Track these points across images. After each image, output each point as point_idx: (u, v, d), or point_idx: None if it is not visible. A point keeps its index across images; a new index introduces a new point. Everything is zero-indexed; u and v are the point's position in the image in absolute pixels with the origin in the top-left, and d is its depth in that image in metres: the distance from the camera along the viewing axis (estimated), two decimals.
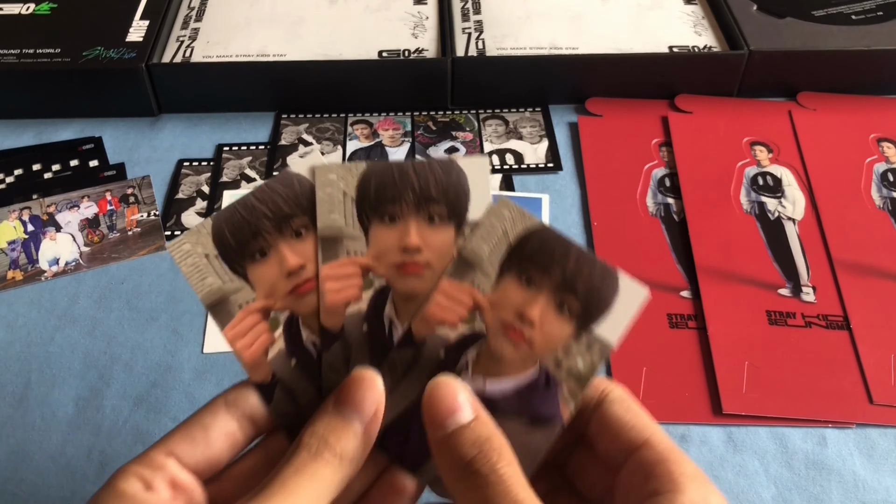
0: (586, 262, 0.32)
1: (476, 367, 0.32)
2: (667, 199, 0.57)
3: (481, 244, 0.33)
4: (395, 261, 0.33)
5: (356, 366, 0.31)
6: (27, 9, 0.67)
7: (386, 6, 0.69)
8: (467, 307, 0.32)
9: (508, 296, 0.32)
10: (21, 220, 0.57)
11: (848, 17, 0.66)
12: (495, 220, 0.33)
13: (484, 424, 0.29)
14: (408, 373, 0.32)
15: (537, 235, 0.33)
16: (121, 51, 0.62)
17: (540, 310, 0.32)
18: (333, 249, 0.33)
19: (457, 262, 0.33)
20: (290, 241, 0.33)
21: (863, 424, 0.45)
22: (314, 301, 0.33)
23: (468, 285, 0.32)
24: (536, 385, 0.32)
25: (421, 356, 0.32)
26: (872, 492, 0.42)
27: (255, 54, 0.64)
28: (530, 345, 0.32)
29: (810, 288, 0.51)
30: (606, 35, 0.65)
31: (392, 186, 0.33)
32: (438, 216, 0.33)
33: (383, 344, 0.33)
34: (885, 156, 0.59)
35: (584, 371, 0.32)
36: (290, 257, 0.33)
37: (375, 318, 0.33)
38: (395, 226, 0.33)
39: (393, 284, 0.33)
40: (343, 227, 0.33)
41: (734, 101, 0.64)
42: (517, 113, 0.64)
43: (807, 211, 0.56)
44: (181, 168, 0.60)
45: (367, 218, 0.33)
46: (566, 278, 0.32)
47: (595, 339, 0.32)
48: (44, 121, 0.64)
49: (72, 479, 0.43)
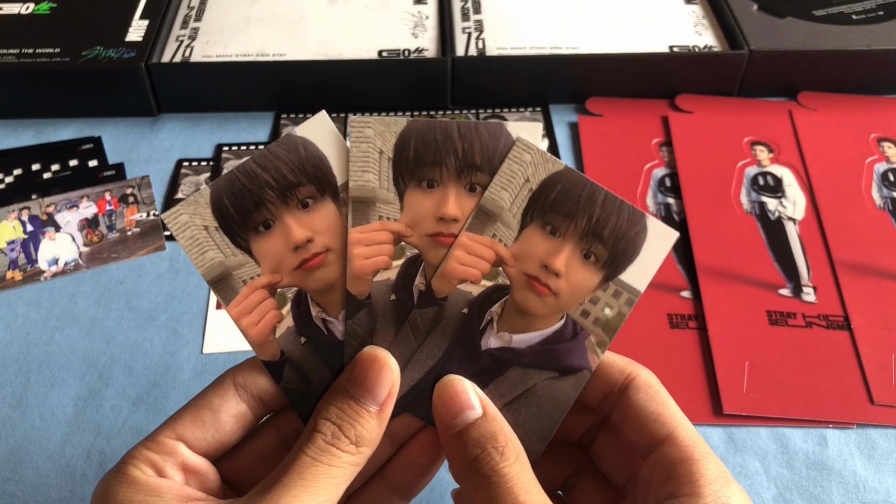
0: (613, 206, 0.31)
1: (501, 322, 0.31)
2: (667, 198, 0.57)
3: (502, 192, 0.31)
4: (430, 230, 0.31)
5: (380, 337, 0.31)
6: (27, 8, 0.67)
7: (386, 6, 0.69)
8: (489, 261, 0.31)
9: (532, 247, 0.31)
10: (20, 220, 0.57)
11: (848, 16, 0.66)
12: (516, 166, 0.31)
13: (490, 421, 0.29)
14: (432, 331, 0.31)
15: (561, 180, 0.31)
16: (120, 50, 0.62)
17: (566, 260, 0.30)
18: (365, 212, 0.31)
19: (476, 214, 0.31)
20: (296, 212, 0.31)
21: (863, 425, 0.45)
22: (323, 276, 0.31)
23: (489, 238, 0.31)
24: (563, 336, 0.31)
25: (444, 314, 0.31)
26: (873, 492, 0.42)
27: (254, 54, 0.64)
28: (556, 296, 0.31)
29: (811, 288, 0.51)
30: (606, 35, 0.65)
31: (434, 149, 0.31)
32: (480, 185, 0.31)
33: (406, 315, 0.31)
34: (886, 156, 0.59)
35: (612, 319, 0.31)
36: (296, 230, 0.31)
37: (405, 289, 0.31)
38: (432, 192, 0.31)
39: (425, 254, 0.31)
40: (377, 189, 0.31)
41: (735, 100, 0.64)
42: (517, 113, 0.64)
43: (807, 211, 0.56)
44: (180, 168, 0.60)
45: (403, 181, 0.31)
46: (592, 225, 0.30)
47: (623, 285, 0.31)
48: (43, 120, 0.64)
49: (71, 480, 0.43)
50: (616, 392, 0.31)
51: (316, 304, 0.31)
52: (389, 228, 0.31)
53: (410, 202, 0.31)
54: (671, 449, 0.29)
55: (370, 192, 0.31)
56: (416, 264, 0.31)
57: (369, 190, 0.31)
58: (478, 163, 0.31)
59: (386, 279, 0.31)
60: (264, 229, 0.31)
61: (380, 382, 0.29)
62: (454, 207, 0.31)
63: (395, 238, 0.31)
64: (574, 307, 0.31)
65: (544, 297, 0.31)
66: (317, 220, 0.31)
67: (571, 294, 0.31)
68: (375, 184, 0.31)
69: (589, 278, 0.31)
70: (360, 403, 0.29)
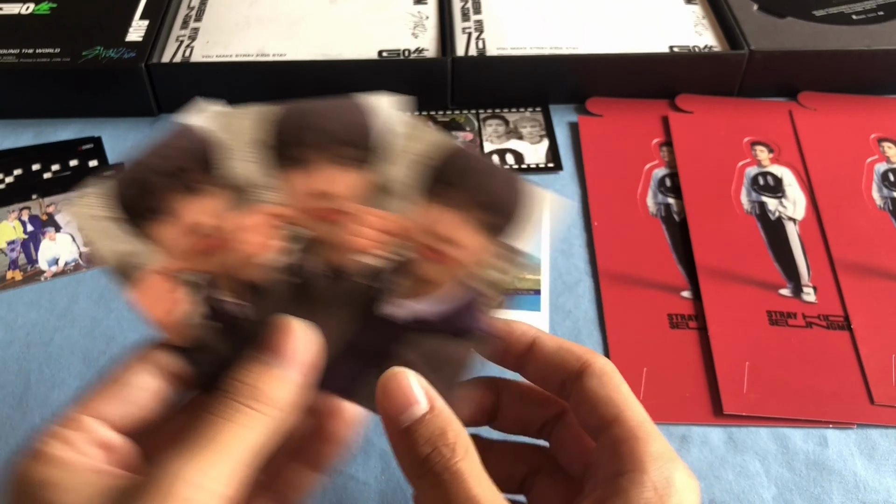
0: (494, 174, 0.33)
1: (401, 292, 0.32)
2: (667, 199, 0.57)
3: (394, 169, 0.33)
4: (312, 207, 0.32)
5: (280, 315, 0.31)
6: (27, 8, 0.67)
7: (386, 6, 0.69)
8: (384, 233, 0.32)
9: (429, 218, 0.33)
10: (20, 220, 0.57)
11: (849, 17, 0.66)
12: (407, 143, 0.33)
13: (438, 416, 0.29)
14: (334, 305, 0.32)
15: (448, 154, 0.33)
16: (120, 51, 0.62)
17: (457, 227, 0.32)
18: (245, 199, 0.32)
19: (371, 189, 0.33)
20: (188, 197, 0.32)
21: (864, 425, 0.45)
22: (223, 259, 0.32)
23: (381, 210, 0.32)
24: (458, 301, 0.33)
25: (343, 288, 0.32)
26: (873, 492, 0.42)
27: (254, 54, 0.64)
28: (451, 263, 0.32)
29: (811, 288, 0.51)
30: (606, 35, 0.65)
31: (304, 130, 0.32)
32: (356, 160, 0.32)
33: (307, 292, 0.32)
34: (886, 156, 0.59)
35: (501, 280, 0.33)
36: (188, 214, 0.31)
37: (300, 269, 0.32)
38: (308, 172, 0.32)
39: (314, 232, 0.32)
40: (255, 175, 0.32)
41: (735, 100, 0.64)
42: (517, 113, 0.64)
43: (807, 211, 0.56)
44: None
45: (280, 164, 0.32)
46: (478, 194, 0.33)
47: (509, 249, 0.33)
48: (43, 121, 0.64)
49: None
50: (573, 378, 0.32)
51: (220, 286, 0.32)
52: (272, 212, 0.32)
53: (290, 184, 0.32)
54: (618, 429, 0.29)
55: (247, 179, 0.32)
56: (305, 243, 0.32)
57: (246, 177, 0.32)
58: (347, 139, 0.32)
59: (277, 261, 0.32)
60: (159, 216, 0.31)
61: (287, 343, 0.30)
62: (330, 183, 0.32)
63: (281, 220, 0.32)
64: (467, 271, 0.32)
65: (440, 264, 0.33)
66: (210, 204, 0.32)
67: (465, 260, 0.32)
68: (252, 170, 0.32)
69: (479, 243, 0.32)
70: (266, 363, 0.29)
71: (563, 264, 0.53)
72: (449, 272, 0.32)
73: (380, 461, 0.43)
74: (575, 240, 0.55)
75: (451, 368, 0.32)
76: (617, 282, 0.52)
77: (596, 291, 0.52)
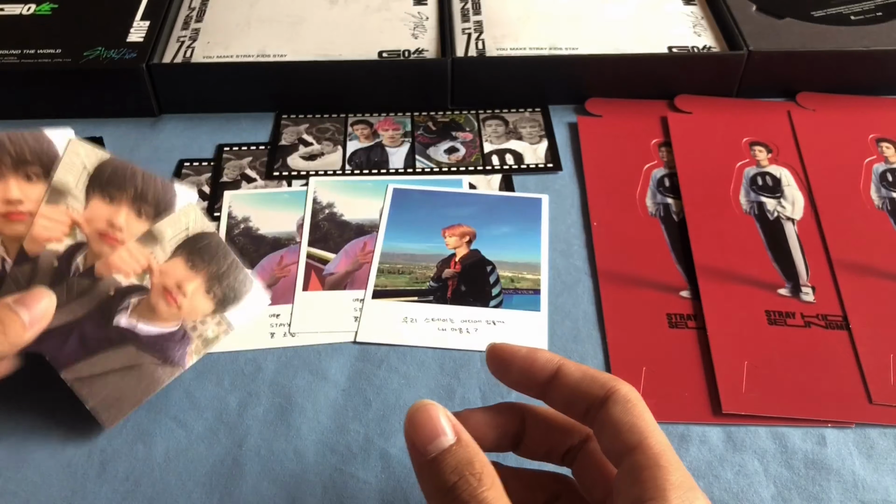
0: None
1: (135, 311, 0.44)
2: (666, 199, 0.57)
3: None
4: (101, 229, 0.44)
5: (37, 286, 0.42)
6: (28, 9, 0.67)
7: (386, 6, 0.69)
8: (67, 225, 0.43)
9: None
10: None
11: (847, 17, 0.66)
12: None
13: (465, 448, 0.30)
14: (80, 296, 0.43)
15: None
16: (121, 51, 0.62)
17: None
18: (57, 199, 0.43)
19: (50, 192, 0.43)
20: (21, 180, 0.43)
21: (862, 424, 0.45)
22: (17, 230, 0.43)
23: (63, 208, 0.43)
24: (175, 336, 0.44)
25: (95, 288, 0.43)
26: (872, 491, 0.42)
27: (255, 54, 0.64)
28: (179, 308, 0.44)
29: (809, 288, 0.51)
30: (606, 35, 0.66)
31: (121, 176, 0.45)
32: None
33: (64, 277, 0.43)
34: (885, 156, 0.60)
35: (211, 337, 0.45)
36: (13, 189, 0.43)
37: (66, 260, 0.43)
38: (111, 204, 0.45)
39: (90, 244, 0.44)
40: (72, 188, 0.44)
41: (734, 101, 0.64)
42: (517, 113, 0.64)
43: (806, 211, 0.56)
44: (182, 168, 0.60)
45: (92, 192, 0.45)
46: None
47: (225, 318, 0.45)
48: (44, 121, 0.64)
49: (72, 479, 0.43)
50: (597, 405, 0.32)
51: (3, 246, 0.42)
52: (70, 216, 0.44)
53: (92, 206, 0.44)
54: (640, 456, 0.30)
55: (66, 187, 0.44)
56: (79, 246, 0.44)
57: (66, 186, 0.44)
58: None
59: (55, 249, 0.43)
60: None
61: (39, 303, 0.40)
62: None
63: (73, 224, 0.44)
64: (189, 320, 0.44)
65: (171, 306, 0.44)
66: (34, 192, 0.43)
67: (190, 312, 0.45)
68: (72, 185, 0.44)
69: (205, 305, 0.45)
70: (13, 309, 0.39)
71: (562, 264, 0.53)
72: (175, 313, 0.44)
73: (380, 461, 0.43)
74: (574, 240, 0.55)
75: (151, 384, 0.43)
76: (616, 282, 0.52)
77: (595, 291, 0.52)
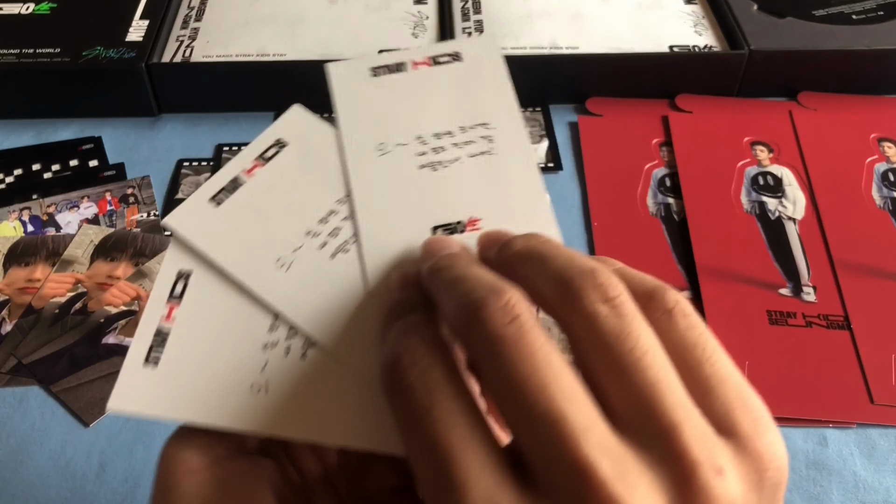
0: (149, 238, 0.54)
1: (122, 330, 0.49)
2: (667, 198, 0.57)
3: (75, 251, 0.54)
4: (101, 280, 0.53)
5: (39, 328, 0.49)
6: (27, 8, 0.67)
7: (386, 6, 0.69)
8: (71, 283, 0.52)
9: (99, 269, 0.53)
10: (21, 221, 0.57)
11: (848, 16, 0.66)
12: (83, 237, 0.55)
13: None
14: (72, 329, 0.50)
15: (113, 235, 0.54)
16: (120, 50, 0.62)
17: (122, 269, 0.53)
18: (65, 268, 0.53)
19: (60, 263, 0.53)
20: (48, 267, 0.53)
21: (863, 424, 0.45)
22: (28, 299, 0.51)
23: (70, 273, 0.53)
24: None
25: (87, 322, 0.50)
26: (873, 492, 0.42)
27: (254, 54, 0.64)
28: None
29: (811, 288, 0.51)
30: (606, 35, 0.65)
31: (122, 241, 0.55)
32: None
33: (62, 317, 0.50)
34: (886, 155, 0.59)
35: None
36: (38, 272, 0.53)
37: (66, 307, 0.51)
38: (111, 263, 0.54)
39: (89, 292, 0.52)
40: (79, 257, 0.54)
41: (734, 100, 0.64)
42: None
43: (807, 211, 0.56)
44: (181, 168, 0.60)
45: (96, 257, 0.54)
46: (137, 250, 0.54)
47: None
48: (43, 121, 0.64)
49: (72, 479, 0.43)
50: None
51: (10, 310, 0.51)
52: (75, 276, 0.52)
53: (95, 267, 0.53)
54: None
55: (74, 258, 0.53)
56: (80, 296, 0.51)
57: (73, 257, 0.53)
58: None
59: (58, 301, 0.51)
60: (25, 266, 0.53)
61: None
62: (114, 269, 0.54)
63: (76, 282, 0.52)
64: None
65: None
66: (46, 271, 0.53)
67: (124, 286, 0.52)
68: (79, 255, 0.53)
69: (131, 280, 0.53)
70: None
71: None
72: None
73: None
74: (575, 240, 0.55)
75: None
76: None
77: None
